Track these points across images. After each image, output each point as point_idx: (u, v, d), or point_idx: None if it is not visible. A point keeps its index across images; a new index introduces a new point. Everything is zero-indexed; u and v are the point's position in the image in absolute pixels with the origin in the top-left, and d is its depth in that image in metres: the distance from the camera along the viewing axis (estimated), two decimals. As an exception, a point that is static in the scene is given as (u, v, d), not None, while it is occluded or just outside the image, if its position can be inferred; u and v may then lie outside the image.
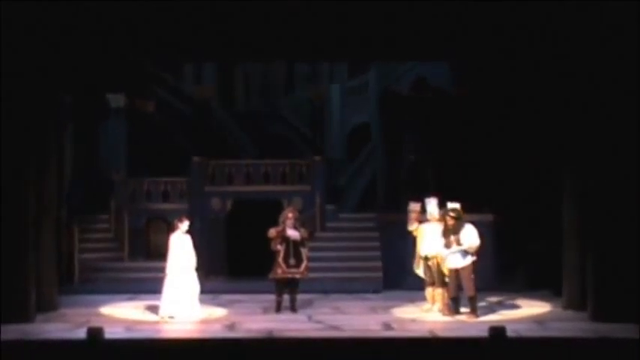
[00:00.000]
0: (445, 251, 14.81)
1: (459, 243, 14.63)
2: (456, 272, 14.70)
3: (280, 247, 15.57)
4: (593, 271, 14.65)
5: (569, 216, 15.73)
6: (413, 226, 15.82)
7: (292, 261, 15.53)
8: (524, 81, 17.10)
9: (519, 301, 16.63)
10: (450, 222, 14.78)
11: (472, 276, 14.59)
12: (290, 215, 15.81)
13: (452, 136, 21.34)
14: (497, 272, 18.65)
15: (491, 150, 20.13)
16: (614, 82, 14.35)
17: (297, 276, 15.60)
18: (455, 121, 21.29)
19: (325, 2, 14.89)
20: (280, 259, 15.55)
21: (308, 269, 15.75)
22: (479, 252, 14.75)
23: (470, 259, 14.64)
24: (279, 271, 15.55)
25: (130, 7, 14.70)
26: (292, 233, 15.62)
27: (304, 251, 15.68)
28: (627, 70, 14.25)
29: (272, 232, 15.63)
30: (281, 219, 15.79)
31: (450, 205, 14.97)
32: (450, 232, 14.75)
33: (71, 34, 14.91)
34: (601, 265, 14.46)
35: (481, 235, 14.83)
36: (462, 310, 14.89)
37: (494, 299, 16.60)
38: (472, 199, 15.32)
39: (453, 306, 14.84)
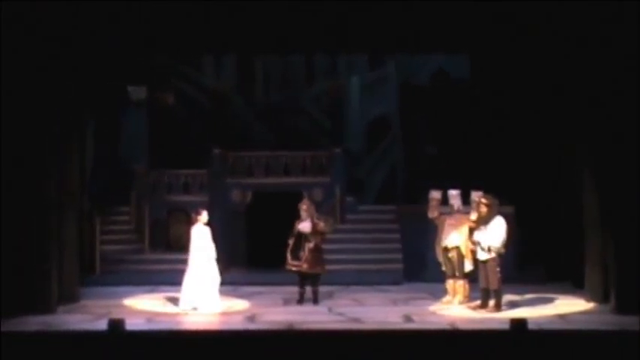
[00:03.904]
0: (474, 242, 14.75)
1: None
2: (483, 264, 14.65)
3: (290, 241, 15.57)
4: (615, 263, 14.55)
5: (590, 207, 15.62)
6: (434, 214, 15.79)
7: (302, 254, 15.47)
8: (545, 71, 16.97)
9: (540, 294, 16.53)
10: (483, 210, 14.68)
11: (497, 269, 14.50)
12: (304, 207, 15.76)
13: (472, 127, 21.26)
14: (518, 264, 18.55)
15: (511, 141, 20.03)
16: (636, 69, 14.23)
17: (294, 269, 15.49)
18: (475, 113, 21.21)
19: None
20: (288, 252, 15.54)
21: (311, 263, 15.42)
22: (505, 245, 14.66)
23: (493, 253, 14.54)
24: (285, 263, 15.56)
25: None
26: (303, 226, 15.57)
27: (308, 245, 15.45)
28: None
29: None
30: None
31: (474, 193, 14.91)
32: (482, 220, 14.66)
33: (92, 27, 14.93)
34: (624, 257, 14.37)
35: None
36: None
37: (515, 291, 16.50)
38: (493, 190, 15.22)
39: (482, 297, 14.75)
